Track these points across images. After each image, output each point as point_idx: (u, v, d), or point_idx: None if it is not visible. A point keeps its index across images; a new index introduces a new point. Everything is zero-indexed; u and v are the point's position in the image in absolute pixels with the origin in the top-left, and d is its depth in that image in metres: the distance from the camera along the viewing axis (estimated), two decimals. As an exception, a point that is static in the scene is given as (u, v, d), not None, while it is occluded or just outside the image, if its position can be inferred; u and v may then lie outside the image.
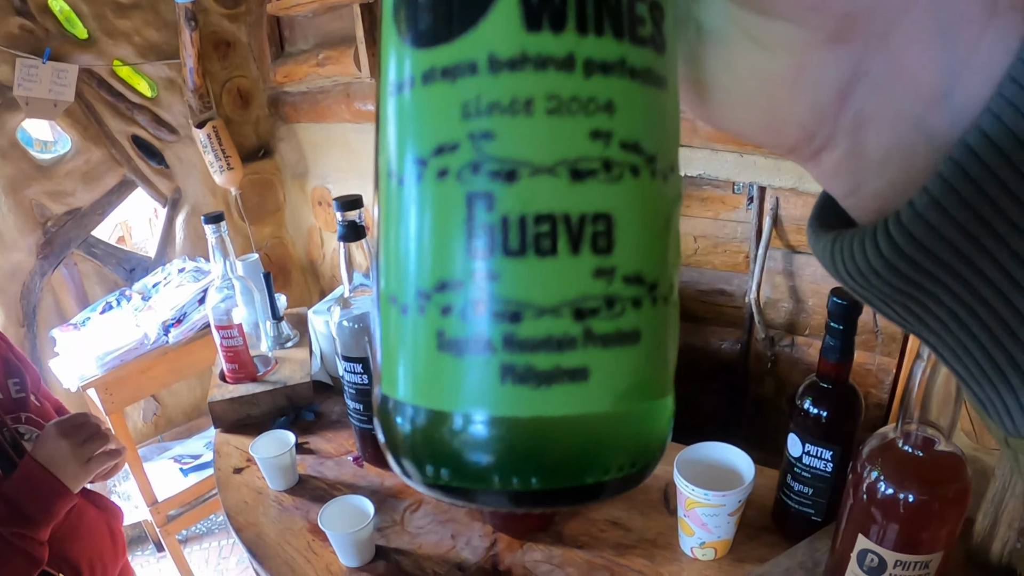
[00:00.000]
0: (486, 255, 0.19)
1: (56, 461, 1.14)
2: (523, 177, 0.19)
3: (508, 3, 0.19)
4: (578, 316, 0.19)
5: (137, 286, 3.03)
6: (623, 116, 0.20)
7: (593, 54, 0.19)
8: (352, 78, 2.59)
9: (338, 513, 1.10)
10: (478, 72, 0.19)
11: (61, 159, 2.91)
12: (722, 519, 0.97)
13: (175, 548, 2.87)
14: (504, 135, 0.19)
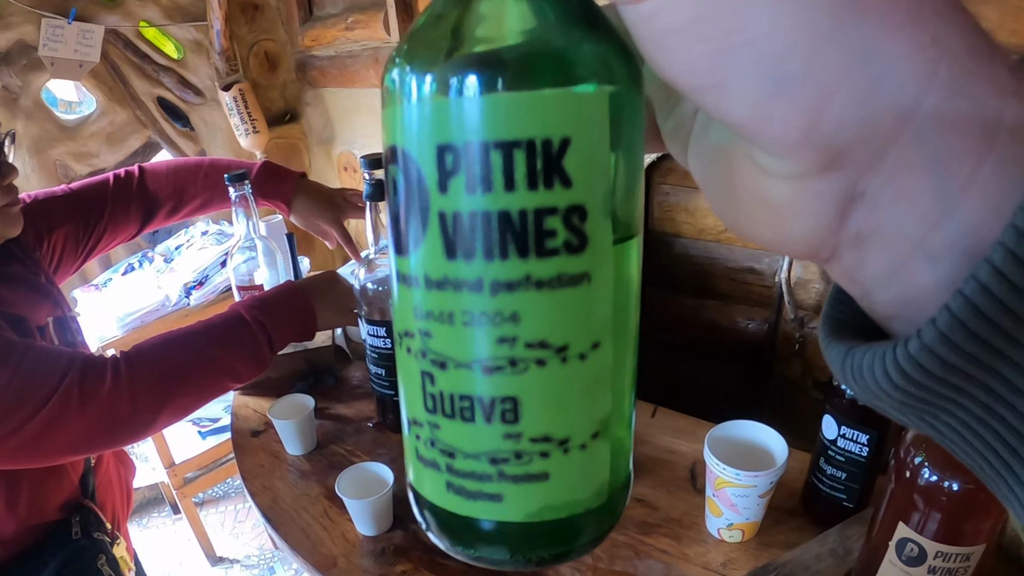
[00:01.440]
0: (432, 412, 0.26)
1: (323, 289, 1.24)
2: (450, 368, 0.25)
3: (434, 235, 0.24)
4: (493, 462, 0.26)
5: (159, 248, 3.02)
6: (528, 322, 0.24)
7: (498, 276, 0.23)
8: (381, 43, 2.55)
9: (356, 480, 1.07)
10: (419, 285, 0.25)
11: (86, 120, 2.90)
12: (752, 500, 0.94)
13: (191, 511, 2.88)
14: (436, 336, 0.25)
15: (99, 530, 1.24)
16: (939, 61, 0.18)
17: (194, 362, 1.09)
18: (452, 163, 0.23)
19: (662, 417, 1.27)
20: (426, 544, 1.04)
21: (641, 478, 1.11)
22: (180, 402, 1.08)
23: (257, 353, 1.14)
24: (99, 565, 1.21)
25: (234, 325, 1.14)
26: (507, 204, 0.23)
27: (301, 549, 1.06)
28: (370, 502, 1.03)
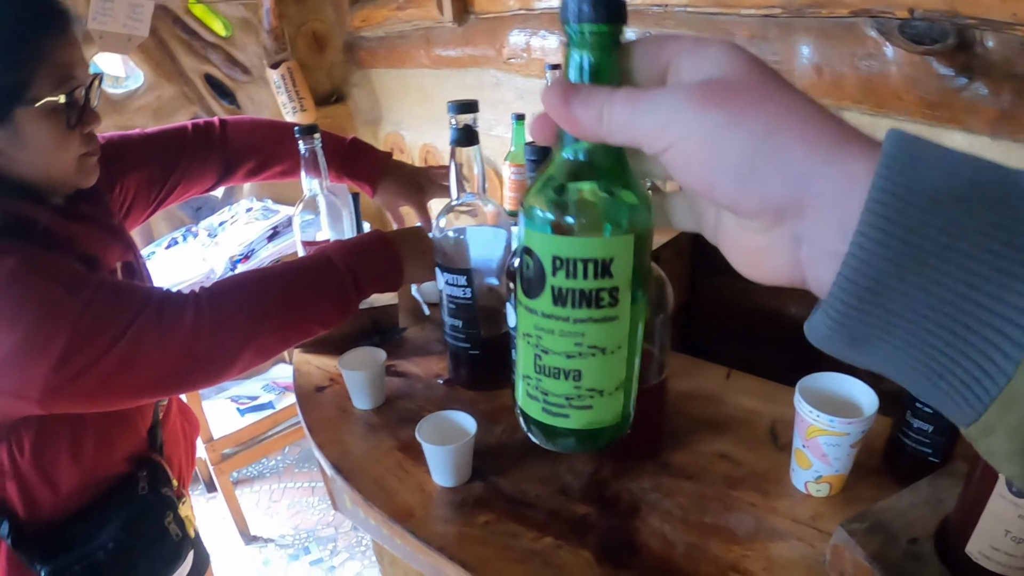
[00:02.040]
0: (538, 373, 0.47)
1: (420, 241, 1.26)
2: (550, 353, 0.45)
3: (547, 294, 0.44)
4: (567, 399, 0.46)
5: (203, 224, 3.03)
6: (589, 336, 0.44)
7: (578, 316, 0.44)
8: (433, 22, 2.54)
9: (435, 428, 1.05)
10: (537, 314, 0.45)
11: (132, 94, 2.91)
12: (843, 450, 0.92)
13: (227, 488, 2.87)
14: (544, 339, 0.45)
15: (166, 486, 1.23)
16: (820, 163, 0.33)
17: (279, 302, 1.08)
18: (558, 264, 0.43)
19: (736, 379, 1.26)
20: (507, 495, 1.02)
21: (723, 435, 1.10)
22: (263, 342, 1.07)
23: (344, 298, 1.14)
24: (166, 523, 1.20)
25: (323, 268, 1.13)
26: (583, 285, 0.43)
27: (376, 500, 1.04)
28: (452, 449, 1.00)
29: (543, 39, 2.19)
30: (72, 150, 1.05)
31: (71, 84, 1.01)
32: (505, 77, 2.43)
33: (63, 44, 1.00)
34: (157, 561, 1.19)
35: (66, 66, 1.00)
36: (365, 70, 3.12)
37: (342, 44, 3.12)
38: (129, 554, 1.13)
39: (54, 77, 0.98)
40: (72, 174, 1.08)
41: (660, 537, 0.92)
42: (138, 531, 1.15)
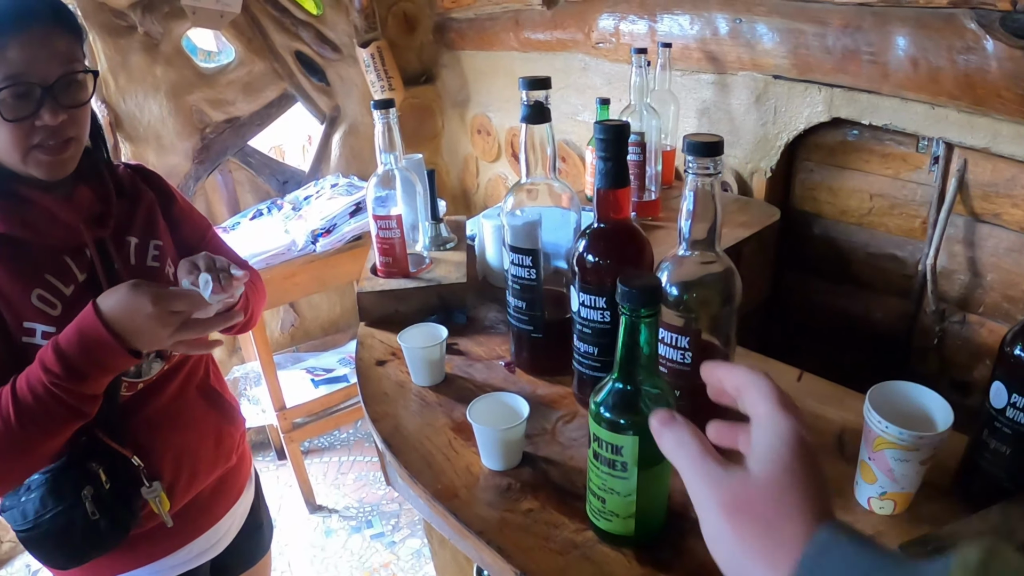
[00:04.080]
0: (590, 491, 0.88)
1: (126, 319, 1.08)
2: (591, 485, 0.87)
3: (590, 449, 0.84)
4: (599, 512, 0.87)
5: (288, 197, 3.09)
6: (615, 487, 0.82)
7: (603, 470, 0.82)
8: (523, 5, 2.53)
9: (488, 409, 1.04)
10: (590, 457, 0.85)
11: (224, 69, 2.99)
12: (912, 466, 0.86)
13: (296, 456, 2.93)
14: (592, 477, 0.86)
15: (103, 464, 1.23)
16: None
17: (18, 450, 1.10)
18: (594, 438, 0.82)
19: (808, 382, 1.20)
20: (555, 483, 1.00)
21: None
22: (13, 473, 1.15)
23: (73, 407, 1.10)
24: (82, 495, 1.19)
25: (41, 405, 1.08)
26: (605, 454, 0.80)
27: (422, 478, 1.03)
28: (501, 431, 0.99)
29: (632, 24, 2.15)
30: (13, 141, 1.10)
31: (15, 79, 1.06)
32: (593, 62, 2.40)
33: (15, 44, 1.06)
34: (81, 535, 1.21)
35: (13, 63, 1.06)
36: (455, 51, 3.12)
37: (432, 25, 3.13)
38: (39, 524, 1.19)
39: (1, 74, 1.06)
40: (17, 161, 1.13)
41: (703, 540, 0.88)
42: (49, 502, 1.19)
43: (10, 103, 1.07)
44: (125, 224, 1.31)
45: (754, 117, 1.97)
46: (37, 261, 1.18)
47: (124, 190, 1.34)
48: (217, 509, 1.46)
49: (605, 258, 1.00)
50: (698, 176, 0.84)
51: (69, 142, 1.16)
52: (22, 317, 1.15)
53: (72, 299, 1.19)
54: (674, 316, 0.91)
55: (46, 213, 1.19)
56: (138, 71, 2.75)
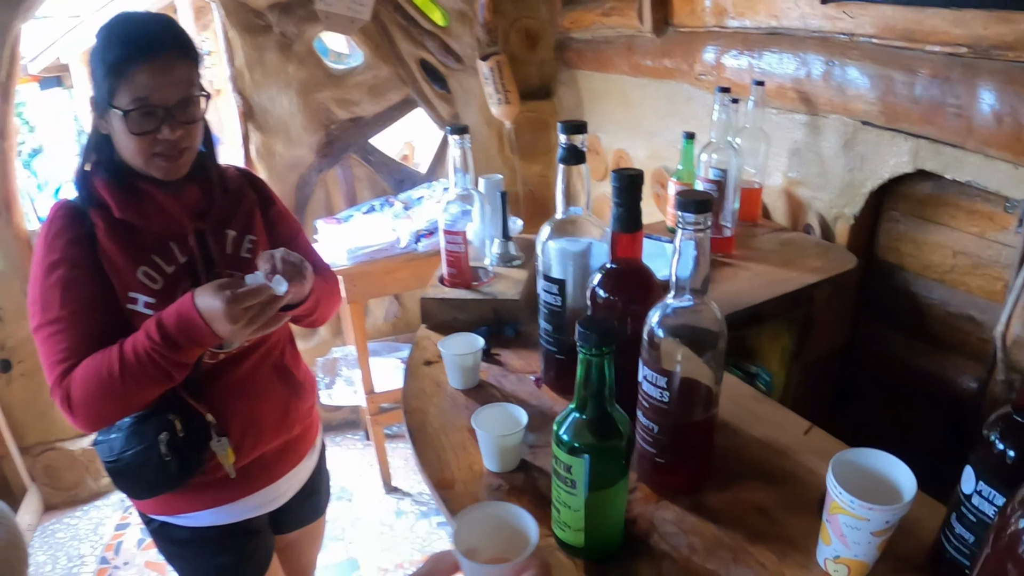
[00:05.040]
0: None
1: (210, 311, 1.25)
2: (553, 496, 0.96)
3: (552, 464, 0.93)
4: (555, 521, 0.97)
5: (402, 196, 3.26)
6: (563, 508, 0.93)
7: (558, 484, 0.93)
8: (634, 31, 2.59)
9: (493, 417, 1.14)
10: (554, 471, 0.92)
11: (352, 71, 3.20)
12: (863, 536, 0.86)
13: (379, 438, 3.11)
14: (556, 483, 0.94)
15: (179, 416, 1.43)
16: None
17: (113, 398, 1.31)
18: (554, 457, 0.91)
19: (815, 437, 1.21)
20: (539, 491, 1.08)
21: (771, 490, 1.08)
22: (107, 417, 1.37)
23: (165, 370, 1.30)
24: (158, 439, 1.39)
25: (141, 363, 1.29)
26: (559, 470, 0.90)
27: (428, 468, 1.16)
28: (498, 437, 1.09)
29: (733, 59, 2.18)
30: (138, 150, 1.34)
31: (142, 102, 1.30)
32: (697, 92, 2.44)
33: (144, 70, 1.29)
34: (154, 471, 1.41)
35: (141, 87, 1.29)
36: (572, 70, 3.21)
37: (553, 43, 3.23)
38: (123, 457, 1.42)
39: (129, 94, 1.29)
40: (141, 165, 1.37)
41: (654, 568, 0.95)
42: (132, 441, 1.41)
43: (137, 120, 1.31)
44: (226, 218, 1.52)
45: (842, 162, 1.97)
46: (146, 244, 1.40)
47: (229, 189, 1.56)
48: (277, 470, 1.62)
49: (614, 295, 1.08)
50: (687, 230, 0.90)
51: (184, 151, 1.39)
52: (128, 287, 1.38)
53: (172, 277, 1.41)
54: (656, 357, 0.97)
55: (158, 205, 1.42)
56: (272, 68, 2.99)
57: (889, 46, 1.73)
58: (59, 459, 3.30)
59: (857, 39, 1.80)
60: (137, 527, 3.21)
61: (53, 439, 3.33)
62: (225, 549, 1.60)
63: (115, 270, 1.38)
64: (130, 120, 1.30)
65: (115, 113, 1.31)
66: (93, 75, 1.35)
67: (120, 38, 1.31)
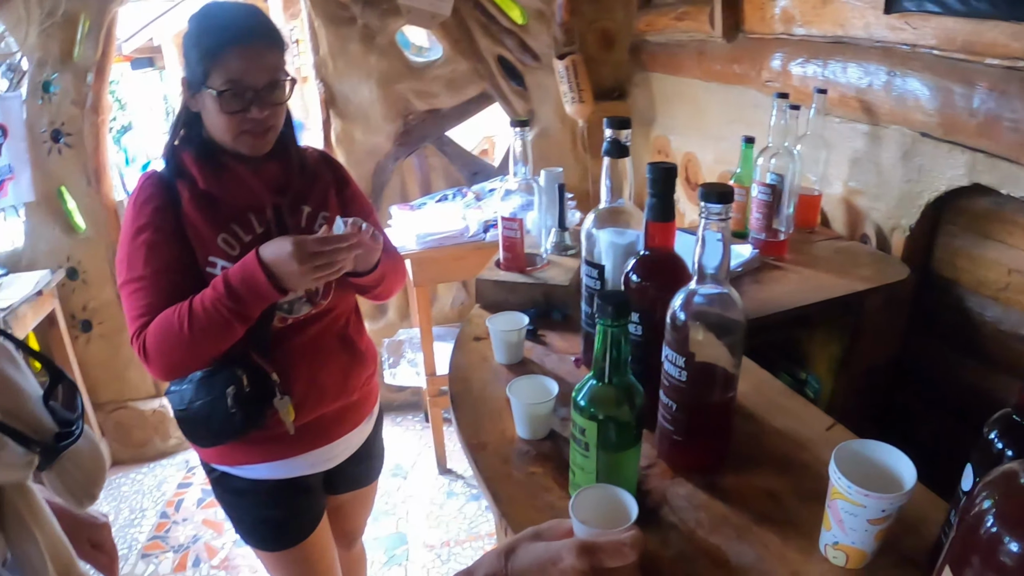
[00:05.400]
0: None
1: (279, 263, 1.38)
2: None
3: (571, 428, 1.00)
4: (570, 484, 1.06)
5: (475, 187, 3.37)
6: (581, 463, 1.00)
7: (574, 448, 1.01)
8: (706, 36, 2.63)
9: (527, 387, 1.22)
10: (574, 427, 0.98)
11: (431, 64, 3.32)
12: (860, 522, 0.89)
13: (437, 420, 3.23)
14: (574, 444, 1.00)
15: (246, 372, 1.54)
16: None
17: (184, 346, 1.44)
18: (572, 420, 0.98)
19: (837, 433, 1.22)
20: (563, 459, 1.14)
21: (784, 477, 1.11)
22: (180, 366, 1.51)
23: (230, 322, 1.43)
24: (225, 391, 1.51)
25: (210, 316, 1.42)
26: (575, 434, 0.98)
27: (465, 430, 1.25)
28: (528, 405, 1.18)
29: (799, 66, 2.21)
30: (227, 127, 1.48)
31: (234, 84, 1.43)
32: (763, 99, 2.46)
33: (236, 55, 1.43)
34: (220, 421, 1.52)
35: (233, 70, 1.43)
36: (646, 72, 3.27)
37: (628, 44, 3.29)
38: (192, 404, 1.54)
39: (222, 76, 1.42)
40: (229, 142, 1.51)
41: (660, 537, 1.00)
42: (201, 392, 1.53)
43: (228, 100, 1.45)
44: (303, 195, 1.65)
45: (900, 173, 1.98)
46: (227, 213, 1.55)
47: (307, 168, 1.69)
48: (334, 432, 1.74)
49: (645, 281, 1.14)
50: (710, 219, 0.97)
51: (269, 130, 1.53)
52: (209, 252, 1.53)
53: (248, 245, 1.54)
54: (676, 338, 1.04)
55: (239, 179, 1.56)
56: (355, 58, 3.14)
57: (949, 58, 1.74)
58: (130, 417, 3.56)
59: (918, 50, 1.81)
60: (198, 487, 3.42)
61: (126, 398, 3.59)
62: (279, 502, 1.72)
63: (197, 236, 1.52)
64: (222, 100, 1.44)
65: (208, 93, 1.45)
66: (187, 57, 1.48)
67: (215, 25, 1.46)
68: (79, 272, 3.36)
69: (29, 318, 3.02)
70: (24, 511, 0.87)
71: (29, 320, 3.03)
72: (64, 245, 3.32)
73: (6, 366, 0.86)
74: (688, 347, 1.03)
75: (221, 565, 2.96)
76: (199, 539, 3.11)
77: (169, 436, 3.66)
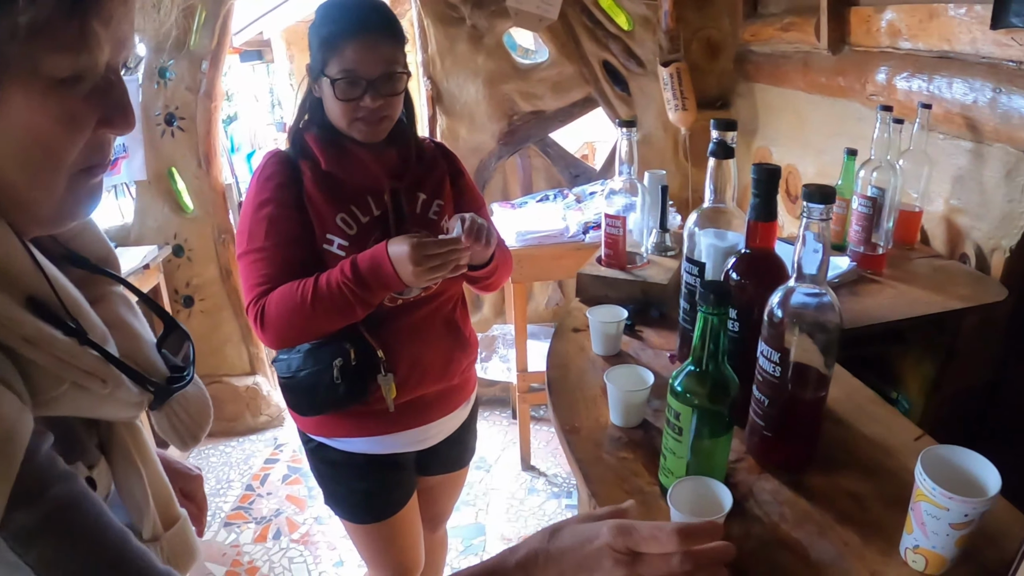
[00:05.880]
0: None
1: (399, 261, 1.45)
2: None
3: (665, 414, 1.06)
4: (661, 468, 1.11)
5: (576, 190, 3.43)
6: (669, 444, 1.06)
7: (667, 432, 1.06)
8: (811, 48, 2.63)
9: (623, 375, 1.28)
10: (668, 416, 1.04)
11: (537, 66, 3.40)
12: (942, 526, 0.89)
13: (524, 416, 3.30)
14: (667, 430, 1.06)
15: (354, 347, 1.62)
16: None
17: (303, 318, 1.53)
18: (668, 402, 1.04)
19: (925, 444, 1.21)
20: (654, 447, 1.20)
21: (868, 481, 1.13)
22: (296, 337, 1.61)
23: (353, 305, 1.51)
24: (333, 363, 1.60)
25: (333, 296, 1.51)
26: (670, 417, 1.04)
27: (560, 413, 1.33)
28: (624, 392, 1.24)
29: (905, 81, 2.19)
30: (342, 113, 1.56)
31: (348, 73, 1.51)
32: (867, 113, 2.45)
33: (352, 45, 1.50)
34: (324, 391, 1.61)
35: (349, 60, 1.50)
36: (750, 83, 3.27)
37: (734, 54, 3.30)
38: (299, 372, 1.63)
39: (338, 65, 1.51)
40: (344, 127, 1.60)
41: (744, 528, 1.04)
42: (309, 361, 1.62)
43: (343, 88, 1.53)
44: (419, 182, 1.72)
45: (1003, 192, 1.95)
46: (346, 194, 1.62)
47: (424, 158, 1.76)
48: (431, 414, 1.81)
49: (744, 278, 1.18)
50: (811, 219, 1.00)
51: (382, 119, 1.60)
52: (327, 230, 1.61)
53: (365, 226, 1.63)
54: (773, 334, 1.08)
55: (360, 162, 1.63)
56: (462, 57, 3.25)
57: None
58: (224, 392, 3.73)
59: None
60: (285, 464, 3.58)
61: (221, 373, 3.77)
62: (371, 476, 1.80)
63: (317, 213, 1.60)
64: (337, 88, 1.52)
65: (325, 80, 1.54)
66: (311, 46, 1.57)
67: (335, 16, 1.54)
68: (185, 250, 3.57)
69: (135, 290, 3.19)
70: (132, 448, 0.91)
71: (134, 292, 3.20)
72: (172, 223, 3.53)
73: (125, 312, 0.91)
74: (783, 343, 1.07)
75: (301, 540, 3.09)
76: (281, 513, 3.25)
77: (260, 413, 3.84)
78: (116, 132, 0.74)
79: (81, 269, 0.89)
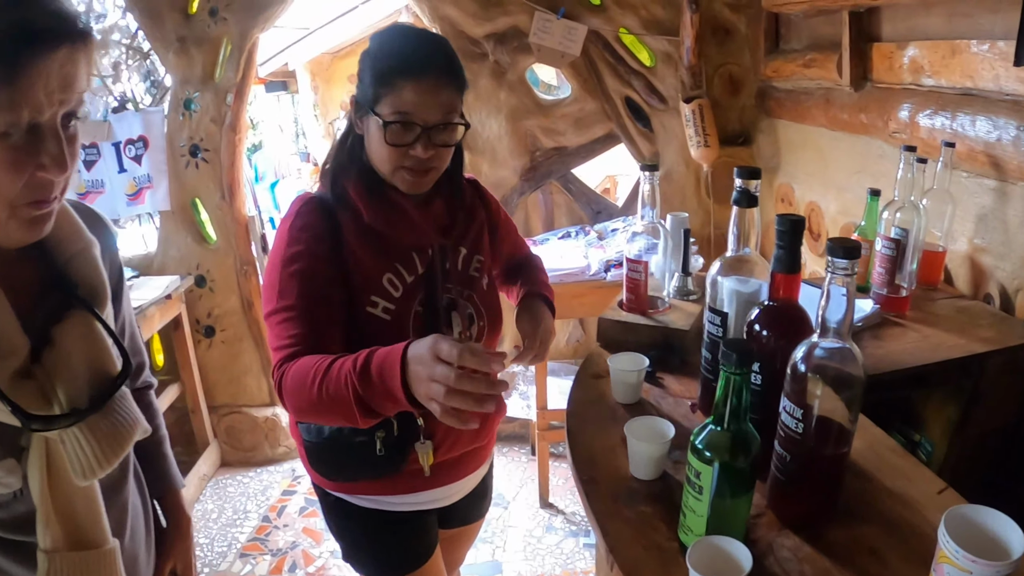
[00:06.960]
0: None
1: (416, 369, 1.12)
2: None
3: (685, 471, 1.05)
4: (680, 524, 1.09)
5: (598, 226, 3.45)
6: (692, 506, 1.04)
7: (687, 489, 1.05)
8: (833, 84, 2.63)
9: (644, 427, 1.27)
10: (690, 476, 1.04)
11: (560, 102, 3.43)
12: None
13: (543, 454, 3.29)
14: (688, 490, 1.06)
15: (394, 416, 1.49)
16: None
17: (308, 404, 1.28)
18: (688, 462, 1.04)
19: (948, 498, 1.20)
20: (674, 502, 1.17)
21: (889, 536, 1.11)
22: (302, 415, 1.37)
23: (351, 416, 1.22)
24: (375, 435, 1.49)
25: (340, 396, 1.21)
26: (690, 476, 1.03)
27: (579, 464, 1.32)
28: (645, 445, 1.23)
29: (928, 118, 2.18)
30: (388, 158, 1.41)
31: (402, 116, 1.36)
32: (890, 150, 2.44)
33: (411, 87, 1.34)
34: (357, 461, 1.52)
35: (406, 102, 1.35)
36: (772, 119, 3.27)
37: (755, 90, 3.31)
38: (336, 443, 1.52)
39: (392, 105, 1.35)
40: (387, 173, 1.45)
41: None
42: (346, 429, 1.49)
43: (395, 132, 1.37)
44: (461, 235, 1.62)
45: (1027, 232, 1.94)
46: (392, 251, 1.49)
47: (464, 206, 1.64)
48: (457, 473, 1.72)
49: (768, 331, 1.17)
50: (836, 274, 0.99)
51: (430, 171, 1.45)
52: (372, 291, 1.46)
53: (410, 287, 1.49)
54: (796, 389, 1.07)
55: (407, 217, 1.49)
56: (485, 92, 3.28)
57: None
58: (242, 422, 3.78)
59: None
60: (302, 496, 3.58)
61: (240, 403, 3.80)
62: (395, 533, 1.70)
63: (362, 271, 1.45)
64: (389, 130, 1.36)
65: (375, 119, 1.38)
66: (361, 77, 1.42)
67: (396, 50, 1.38)
68: (207, 280, 3.62)
69: (156, 319, 3.25)
70: (37, 458, 0.96)
71: (156, 321, 3.26)
72: (194, 253, 3.58)
73: (75, 339, 1.00)
74: (806, 399, 1.06)
75: (316, 573, 3.08)
76: (298, 546, 3.24)
77: (278, 444, 3.86)
78: (51, 176, 0.86)
79: (61, 293, 1.01)
